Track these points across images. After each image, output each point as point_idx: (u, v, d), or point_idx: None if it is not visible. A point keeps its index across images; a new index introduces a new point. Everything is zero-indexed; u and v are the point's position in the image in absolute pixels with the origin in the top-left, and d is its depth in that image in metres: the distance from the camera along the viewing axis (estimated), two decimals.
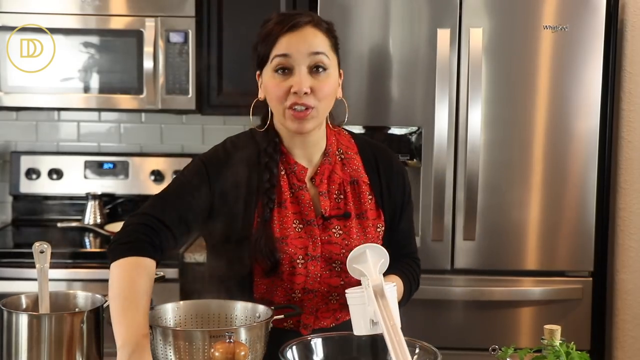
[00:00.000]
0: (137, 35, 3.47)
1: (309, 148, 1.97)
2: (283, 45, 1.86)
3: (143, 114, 3.92)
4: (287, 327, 1.98)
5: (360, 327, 1.70)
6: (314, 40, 1.86)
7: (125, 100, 3.53)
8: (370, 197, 1.99)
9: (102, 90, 3.52)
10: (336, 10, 3.06)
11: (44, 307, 1.80)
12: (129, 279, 1.80)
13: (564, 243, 3.16)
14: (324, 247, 1.94)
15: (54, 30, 3.45)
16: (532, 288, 3.16)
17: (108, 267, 3.39)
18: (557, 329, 1.67)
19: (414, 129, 3.10)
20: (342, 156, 2.00)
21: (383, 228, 2.00)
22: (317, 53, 1.86)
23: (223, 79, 3.58)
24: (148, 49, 3.46)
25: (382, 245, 1.94)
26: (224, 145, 2.03)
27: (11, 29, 3.44)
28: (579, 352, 1.65)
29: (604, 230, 3.19)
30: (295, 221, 1.94)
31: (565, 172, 3.13)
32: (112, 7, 3.49)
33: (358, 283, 1.80)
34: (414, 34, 3.09)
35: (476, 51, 3.05)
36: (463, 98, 3.09)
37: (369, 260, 1.69)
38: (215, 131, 3.95)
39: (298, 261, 1.93)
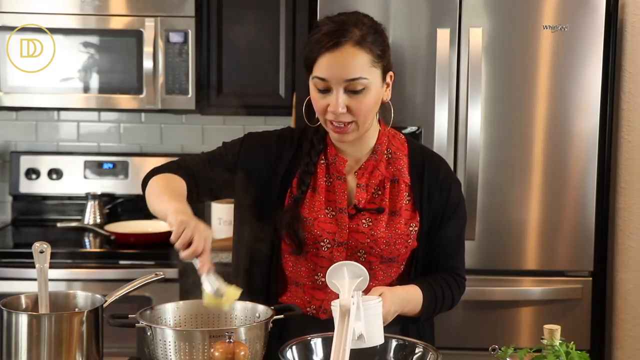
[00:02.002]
0: (136, 35, 3.47)
1: (355, 146, 2.03)
2: (322, 66, 1.90)
3: (143, 114, 3.92)
4: (309, 312, 2.02)
5: None
6: (351, 64, 1.88)
7: (125, 100, 3.53)
8: (408, 197, 2.03)
9: (102, 90, 3.52)
10: (335, 9, 3.03)
11: (44, 307, 1.80)
12: (165, 182, 1.98)
13: (564, 243, 3.16)
14: (350, 235, 1.99)
15: (53, 30, 3.45)
16: (532, 288, 3.16)
17: (108, 267, 3.42)
18: (557, 328, 1.67)
19: (414, 128, 3.10)
20: (390, 156, 2.05)
21: (417, 228, 2.02)
22: (353, 79, 1.89)
23: (223, 79, 3.58)
24: (148, 49, 3.46)
25: (422, 251, 2.03)
26: (271, 134, 2.13)
27: (11, 29, 3.44)
28: (579, 351, 1.65)
29: (603, 230, 3.19)
30: (328, 207, 2.01)
31: (565, 172, 3.13)
32: (111, 7, 3.49)
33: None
34: (414, 34, 3.09)
35: (476, 51, 3.05)
36: (463, 98, 3.09)
37: (346, 277, 1.70)
38: (215, 131, 3.95)
39: (322, 244, 1.99)
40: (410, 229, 2.01)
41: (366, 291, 1.79)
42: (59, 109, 3.84)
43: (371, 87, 1.91)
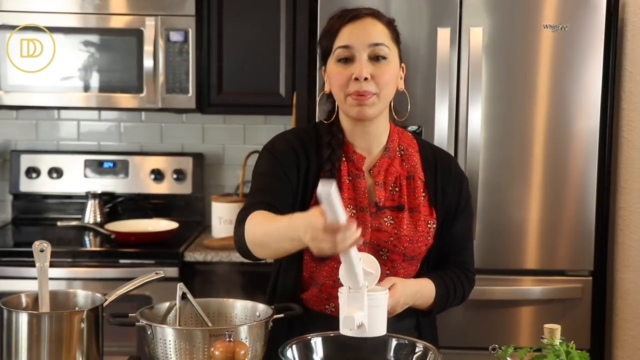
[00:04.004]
0: (137, 34, 3.47)
1: (369, 140, 2.03)
2: (344, 36, 1.94)
3: (143, 113, 3.92)
4: (327, 310, 2.03)
5: (342, 327, 1.69)
6: (374, 30, 1.94)
7: (125, 99, 3.53)
8: (424, 193, 2.04)
9: (102, 89, 3.52)
10: (336, 9, 3.05)
11: (44, 306, 1.80)
12: (265, 216, 1.84)
13: (564, 242, 3.16)
14: (373, 234, 1.99)
15: (54, 29, 3.45)
16: (532, 287, 3.16)
17: (108, 266, 3.41)
18: (557, 328, 1.67)
19: (414, 128, 3.10)
20: (402, 152, 2.06)
21: (435, 225, 2.03)
22: (377, 44, 1.93)
23: (223, 77, 3.59)
24: (148, 48, 3.46)
25: (435, 248, 2.04)
26: (284, 135, 2.09)
27: (11, 28, 3.44)
28: (579, 351, 1.65)
29: (604, 229, 3.19)
30: (349, 206, 2.00)
31: (565, 171, 3.13)
32: (112, 6, 3.49)
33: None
34: (414, 33, 3.09)
35: (476, 50, 3.05)
36: (463, 97, 3.09)
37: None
38: (215, 130, 3.95)
39: None
40: (429, 226, 2.03)
41: (379, 280, 1.80)
42: (59, 108, 3.84)
43: (391, 59, 1.95)
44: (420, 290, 1.96)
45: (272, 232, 1.77)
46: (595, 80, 3.09)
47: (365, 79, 1.91)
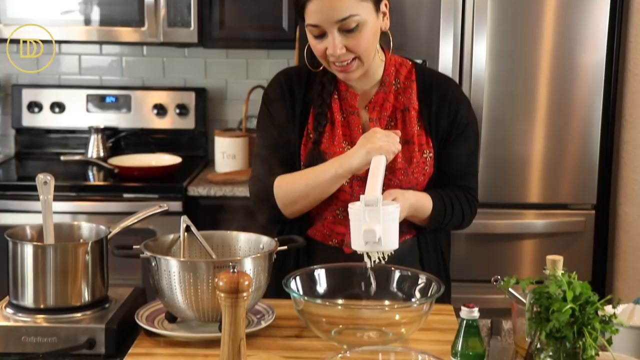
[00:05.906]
0: None
1: (362, 80, 2.03)
2: (312, 13, 1.90)
3: (145, 47, 3.89)
4: (332, 244, 2.05)
5: (357, 243, 1.71)
6: (339, 4, 1.88)
7: (127, 33, 3.49)
8: (418, 123, 2.03)
9: (103, 22, 3.48)
10: None
11: (49, 238, 1.81)
12: (293, 175, 2.01)
13: (568, 176, 3.16)
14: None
15: None
16: (535, 221, 3.17)
17: (112, 200, 3.40)
18: (560, 259, 1.67)
19: (419, 61, 3.07)
20: (398, 86, 2.05)
21: (431, 154, 2.03)
22: (344, 19, 1.88)
23: (225, 11, 3.54)
24: None
25: (436, 176, 2.05)
26: (278, 77, 2.12)
27: None
28: (581, 282, 1.65)
29: (607, 163, 3.19)
30: (344, 142, 2.02)
31: (570, 105, 3.12)
32: None
33: None
34: None
35: None
36: (468, 31, 3.06)
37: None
38: (217, 65, 3.92)
39: None
40: (425, 155, 2.02)
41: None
42: (59, 42, 3.81)
43: (365, 22, 1.90)
44: (416, 204, 1.97)
45: (313, 180, 1.95)
46: (602, 13, 3.05)
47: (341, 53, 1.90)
